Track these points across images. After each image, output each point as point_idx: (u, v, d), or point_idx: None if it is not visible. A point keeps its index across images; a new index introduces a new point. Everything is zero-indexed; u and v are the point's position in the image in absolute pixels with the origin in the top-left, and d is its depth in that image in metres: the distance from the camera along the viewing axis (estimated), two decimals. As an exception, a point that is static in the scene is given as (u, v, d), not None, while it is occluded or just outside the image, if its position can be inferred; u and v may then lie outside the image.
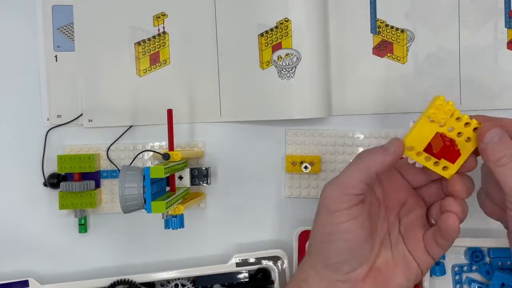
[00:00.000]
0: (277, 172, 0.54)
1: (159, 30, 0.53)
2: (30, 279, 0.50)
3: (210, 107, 0.53)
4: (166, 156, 0.46)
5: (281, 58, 0.51)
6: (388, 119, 0.54)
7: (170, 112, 0.47)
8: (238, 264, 0.51)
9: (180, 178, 0.51)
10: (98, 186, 0.53)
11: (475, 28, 0.53)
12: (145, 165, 0.53)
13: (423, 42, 0.53)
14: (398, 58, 0.54)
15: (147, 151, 0.53)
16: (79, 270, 0.53)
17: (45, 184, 0.52)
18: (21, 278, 0.50)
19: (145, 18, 0.53)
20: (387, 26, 0.54)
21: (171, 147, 0.48)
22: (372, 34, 0.54)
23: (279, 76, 0.51)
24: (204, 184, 0.52)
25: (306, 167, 0.52)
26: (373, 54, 0.54)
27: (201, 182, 0.52)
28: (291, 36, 0.51)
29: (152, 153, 0.53)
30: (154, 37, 0.53)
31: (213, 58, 0.53)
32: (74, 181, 0.50)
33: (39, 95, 0.53)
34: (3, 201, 0.53)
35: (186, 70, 0.53)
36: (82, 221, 0.52)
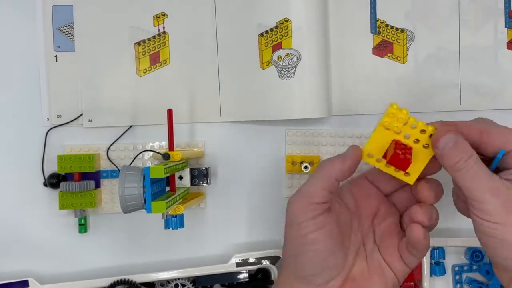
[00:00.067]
0: (277, 172, 0.54)
1: (159, 30, 0.53)
2: (30, 279, 0.50)
3: (210, 107, 0.53)
4: (166, 156, 0.46)
5: (281, 58, 0.51)
6: (388, 119, 0.54)
7: (170, 112, 0.47)
8: (238, 264, 0.51)
9: (180, 178, 0.51)
10: (98, 186, 0.53)
11: (475, 28, 0.53)
12: (145, 165, 0.53)
13: (423, 42, 0.53)
14: (398, 58, 0.54)
15: (147, 151, 0.53)
16: (79, 270, 0.53)
17: (45, 184, 0.52)
18: (21, 278, 0.50)
19: (145, 18, 0.53)
20: (387, 26, 0.54)
21: (171, 147, 0.48)
22: (372, 34, 0.54)
23: (279, 76, 0.51)
24: (204, 184, 0.52)
25: (306, 167, 0.52)
26: (373, 54, 0.54)
27: (201, 182, 0.52)
28: (291, 36, 0.51)
29: (152, 153, 0.53)
30: (154, 37, 0.53)
31: (213, 58, 0.53)
32: (74, 181, 0.50)
33: (39, 95, 0.53)
34: (3, 201, 0.53)
35: (186, 70, 0.53)
36: (82, 221, 0.52)
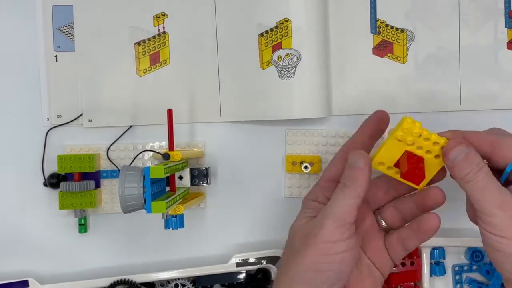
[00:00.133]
0: (277, 172, 0.54)
1: (159, 30, 0.53)
2: (30, 279, 0.50)
3: (210, 107, 0.53)
4: (166, 156, 0.46)
5: (281, 58, 0.51)
6: (388, 119, 0.54)
7: (170, 112, 0.47)
8: (238, 264, 0.51)
9: (180, 178, 0.51)
10: (98, 186, 0.52)
11: (475, 28, 0.53)
12: (145, 165, 0.53)
13: (423, 42, 0.53)
14: (398, 58, 0.54)
15: (147, 151, 0.53)
16: (79, 270, 0.53)
17: (45, 184, 0.52)
18: (21, 278, 0.50)
19: (145, 18, 0.53)
20: (387, 26, 0.53)
21: (171, 147, 0.48)
22: (372, 34, 0.54)
23: (279, 76, 0.51)
24: (204, 184, 0.52)
25: (306, 167, 0.52)
26: (373, 54, 0.54)
27: (201, 182, 0.52)
28: (291, 36, 0.51)
29: (152, 153, 0.53)
30: (154, 37, 0.53)
31: (213, 58, 0.53)
32: (74, 181, 0.50)
33: (39, 95, 0.53)
34: (3, 201, 0.53)
35: (186, 70, 0.53)
36: (82, 221, 0.52)
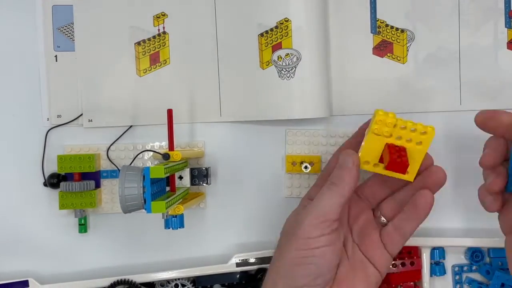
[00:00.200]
0: (277, 172, 0.54)
1: (159, 30, 0.53)
2: (30, 279, 0.50)
3: (210, 107, 0.53)
4: (166, 156, 0.46)
5: (281, 58, 0.51)
6: (388, 119, 0.54)
7: (170, 112, 0.47)
8: (238, 264, 0.51)
9: (180, 178, 0.51)
10: (98, 186, 0.52)
11: (475, 28, 0.53)
12: (145, 165, 0.53)
13: (423, 42, 0.53)
14: (398, 58, 0.54)
15: (147, 151, 0.53)
16: (79, 270, 0.53)
17: (45, 184, 0.52)
18: (21, 278, 0.50)
19: (145, 18, 0.53)
20: (387, 26, 0.53)
21: (171, 147, 0.48)
22: (372, 34, 0.54)
23: (279, 76, 0.51)
24: (204, 184, 0.52)
25: (306, 167, 0.52)
26: (373, 54, 0.54)
27: (201, 182, 0.52)
28: (291, 36, 0.51)
29: (152, 153, 0.53)
30: (154, 37, 0.53)
31: (213, 58, 0.53)
32: (74, 181, 0.50)
33: (39, 95, 0.53)
34: (3, 201, 0.53)
35: (186, 70, 0.53)
36: (82, 221, 0.52)
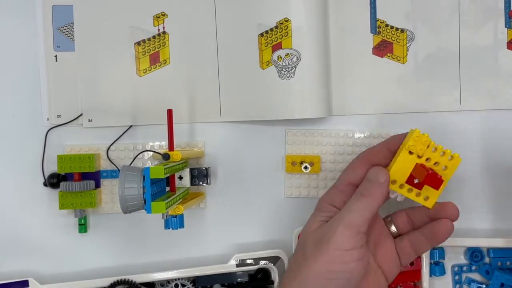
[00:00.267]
0: (277, 172, 0.54)
1: (159, 30, 0.53)
2: (30, 279, 0.50)
3: (210, 107, 0.53)
4: (166, 156, 0.46)
5: (281, 58, 0.51)
6: (388, 119, 0.54)
7: (170, 112, 0.47)
8: (238, 264, 0.51)
9: (180, 178, 0.51)
10: (98, 186, 0.53)
11: (475, 28, 0.53)
12: (145, 165, 0.53)
13: (423, 42, 0.53)
14: (398, 58, 0.54)
15: (147, 151, 0.53)
16: (79, 270, 0.53)
17: (45, 184, 0.52)
18: (21, 278, 0.50)
19: (145, 18, 0.53)
20: (387, 26, 0.53)
21: (171, 147, 0.48)
22: (372, 34, 0.54)
23: (279, 76, 0.51)
24: (204, 184, 0.52)
25: (306, 167, 0.52)
26: (373, 54, 0.54)
27: (201, 182, 0.52)
28: (291, 36, 0.51)
29: (152, 153, 0.53)
30: (154, 37, 0.53)
31: (213, 58, 0.53)
32: (74, 181, 0.50)
33: (39, 95, 0.53)
34: (3, 201, 0.53)
35: (186, 70, 0.53)
36: (82, 221, 0.52)
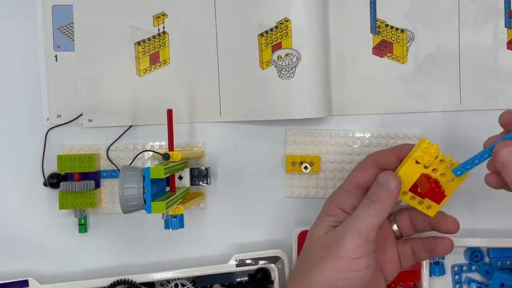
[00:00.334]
0: (276, 172, 0.54)
1: (159, 30, 0.53)
2: (30, 279, 0.50)
3: (210, 107, 0.53)
4: (166, 156, 0.46)
5: (281, 58, 0.51)
6: (388, 119, 0.54)
7: (170, 112, 0.47)
8: (238, 264, 0.51)
9: (180, 178, 0.51)
10: (98, 186, 0.53)
11: (475, 28, 0.53)
12: (145, 165, 0.53)
13: (423, 42, 0.53)
14: (398, 58, 0.54)
15: (147, 151, 0.53)
16: (79, 270, 0.53)
17: (45, 184, 0.52)
18: (21, 278, 0.50)
19: (145, 18, 0.53)
20: (387, 26, 0.53)
21: (171, 147, 0.48)
22: (372, 34, 0.54)
23: (279, 76, 0.51)
24: (204, 184, 0.52)
25: (306, 167, 0.52)
26: (373, 54, 0.54)
27: (201, 182, 0.52)
28: (291, 36, 0.51)
29: (152, 153, 0.53)
30: (154, 37, 0.53)
31: (213, 58, 0.53)
32: (74, 181, 0.50)
33: (39, 95, 0.53)
34: (3, 201, 0.53)
35: (186, 70, 0.53)
36: (82, 221, 0.52)
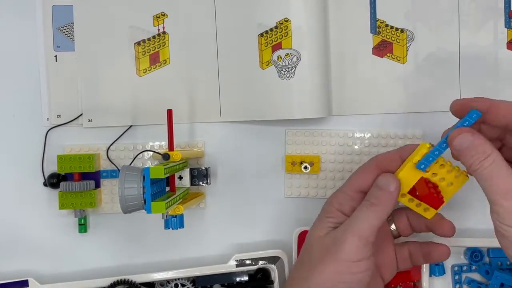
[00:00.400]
0: (276, 172, 0.54)
1: (159, 30, 0.53)
2: (30, 279, 0.50)
3: (210, 107, 0.53)
4: (166, 156, 0.46)
5: (281, 58, 0.51)
6: (388, 119, 0.54)
7: (170, 112, 0.47)
8: (238, 264, 0.51)
9: (180, 178, 0.51)
10: (98, 186, 0.53)
11: (475, 28, 0.53)
12: (145, 165, 0.53)
13: (423, 42, 0.53)
14: (398, 58, 0.54)
15: (147, 151, 0.53)
16: (79, 270, 0.53)
17: (45, 184, 0.52)
18: (20, 278, 0.50)
19: (145, 18, 0.53)
20: (387, 26, 0.53)
21: (171, 147, 0.48)
22: (372, 34, 0.54)
23: (279, 76, 0.51)
24: (204, 184, 0.52)
25: (305, 168, 0.53)
26: (373, 54, 0.54)
27: (201, 182, 0.52)
28: (291, 36, 0.51)
29: (152, 153, 0.53)
30: (154, 37, 0.53)
31: (213, 58, 0.53)
32: (74, 181, 0.50)
33: (39, 95, 0.53)
34: (3, 201, 0.53)
35: (186, 70, 0.53)
36: (82, 221, 0.52)
